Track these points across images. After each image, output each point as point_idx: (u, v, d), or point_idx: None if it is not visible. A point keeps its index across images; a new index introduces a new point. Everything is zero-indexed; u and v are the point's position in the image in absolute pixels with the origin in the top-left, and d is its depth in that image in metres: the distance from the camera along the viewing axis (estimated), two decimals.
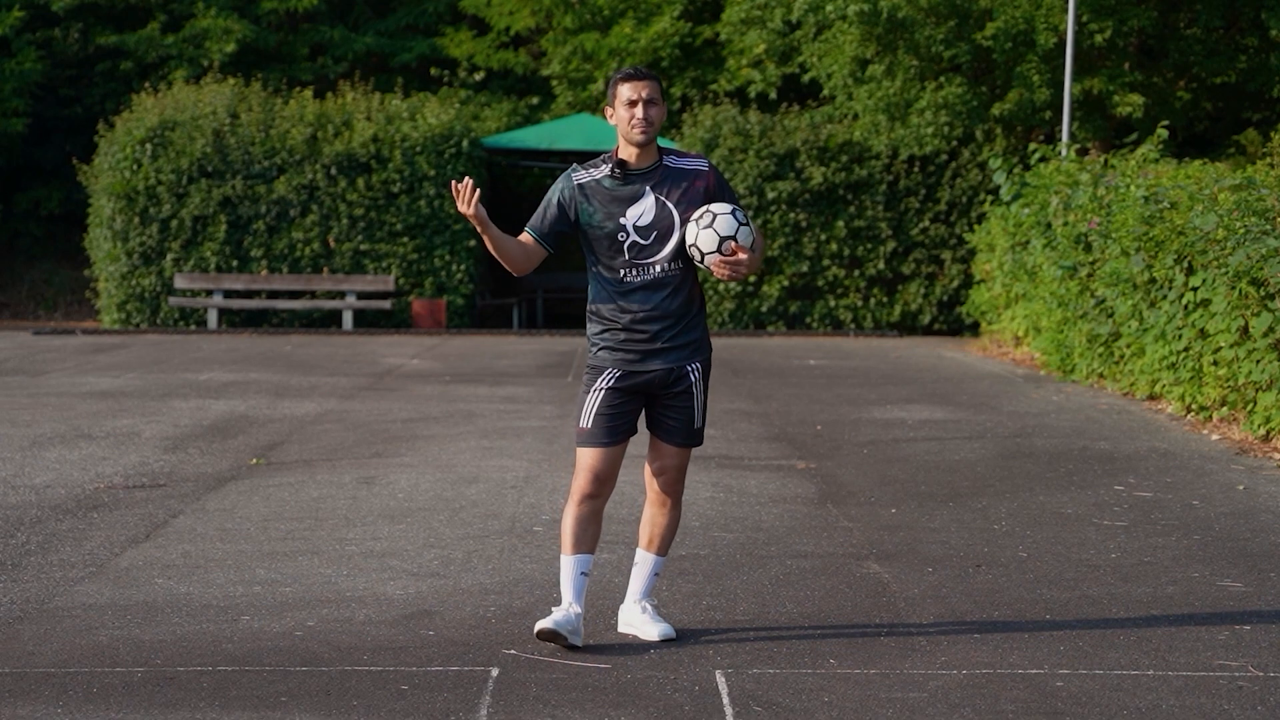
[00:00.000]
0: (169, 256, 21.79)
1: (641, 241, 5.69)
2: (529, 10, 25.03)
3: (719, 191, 5.79)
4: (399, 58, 26.60)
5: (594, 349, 5.79)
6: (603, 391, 5.72)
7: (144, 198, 21.73)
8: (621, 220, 5.68)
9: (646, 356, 5.72)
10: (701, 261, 5.69)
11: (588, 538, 5.77)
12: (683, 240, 5.70)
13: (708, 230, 5.64)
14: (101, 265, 22.21)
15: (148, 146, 21.72)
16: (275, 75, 25.76)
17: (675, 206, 5.70)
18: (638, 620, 5.88)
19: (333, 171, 21.78)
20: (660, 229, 5.70)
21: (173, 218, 21.78)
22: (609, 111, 5.76)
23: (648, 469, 5.87)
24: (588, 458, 5.73)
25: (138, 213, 21.74)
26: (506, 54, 25.95)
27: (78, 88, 25.86)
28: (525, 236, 5.80)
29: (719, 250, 5.64)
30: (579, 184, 5.73)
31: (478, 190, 5.54)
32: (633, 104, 5.66)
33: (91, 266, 22.99)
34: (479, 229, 5.60)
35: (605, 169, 5.74)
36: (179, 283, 21.70)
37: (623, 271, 5.71)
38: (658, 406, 5.80)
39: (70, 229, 25.48)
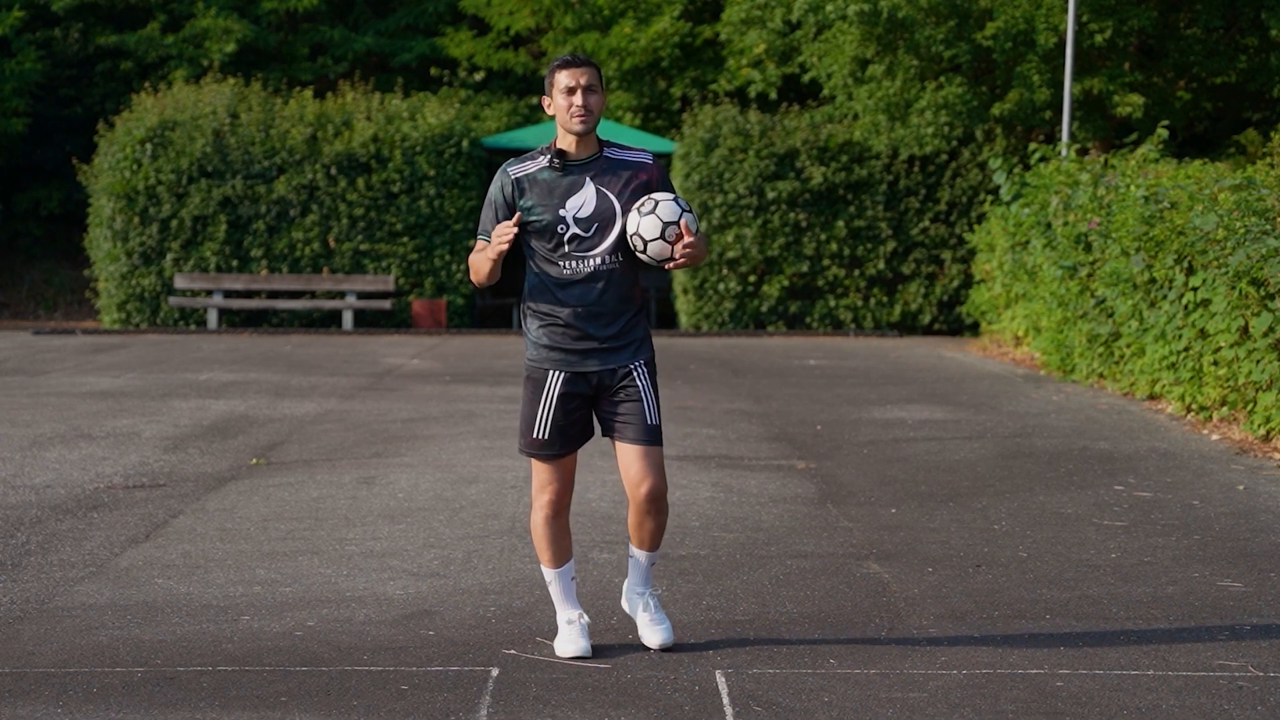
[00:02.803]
0: (169, 256, 21.79)
1: (582, 234, 5.52)
2: (529, 10, 25.04)
3: (660, 186, 5.60)
4: (399, 58, 26.61)
5: (532, 347, 5.65)
6: (554, 400, 5.59)
7: (144, 198, 21.73)
8: (561, 212, 5.51)
9: (586, 355, 5.58)
10: (644, 251, 5.49)
11: (567, 546, 5.73)
12: (624, 232, 5.53)
13: (650, 217, 5.46)
14: (101, 265, 22.21)
15: (148, 146, 21.72)
16: (275, 75, 25.76)
17: (616, 198, 5.53)
18: (640, 619, 5.78)
19: (333, 171, 21.78)
20: (601, 220, 5.52)
21: (173, 218, 21.79)
22: (546, 101, 5.59)
23: (624, 478, 5.67)
24: (549, 470, 5.65)
25: (138, 213, 21.74)
26: (506, 54, 25.95)
27: (78, 88, 25.86)
28: (482, 244, 5.62)
29: (663, 237, 5.45)
30: (515, 178, 5.58)
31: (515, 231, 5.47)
32: (571, 91, 5.47)
33: (91, 266, 22.99)
34: (490, 259, 5.52)
35: (543, 160, 5.58)
36: (179, 283, 21.71)
37: (562, 264, 5.55)
38: (608, 408, 5.64)
39: (70, 229, 25.48)
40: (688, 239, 5.46)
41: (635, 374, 5.63)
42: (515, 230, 5.47)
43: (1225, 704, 5.18)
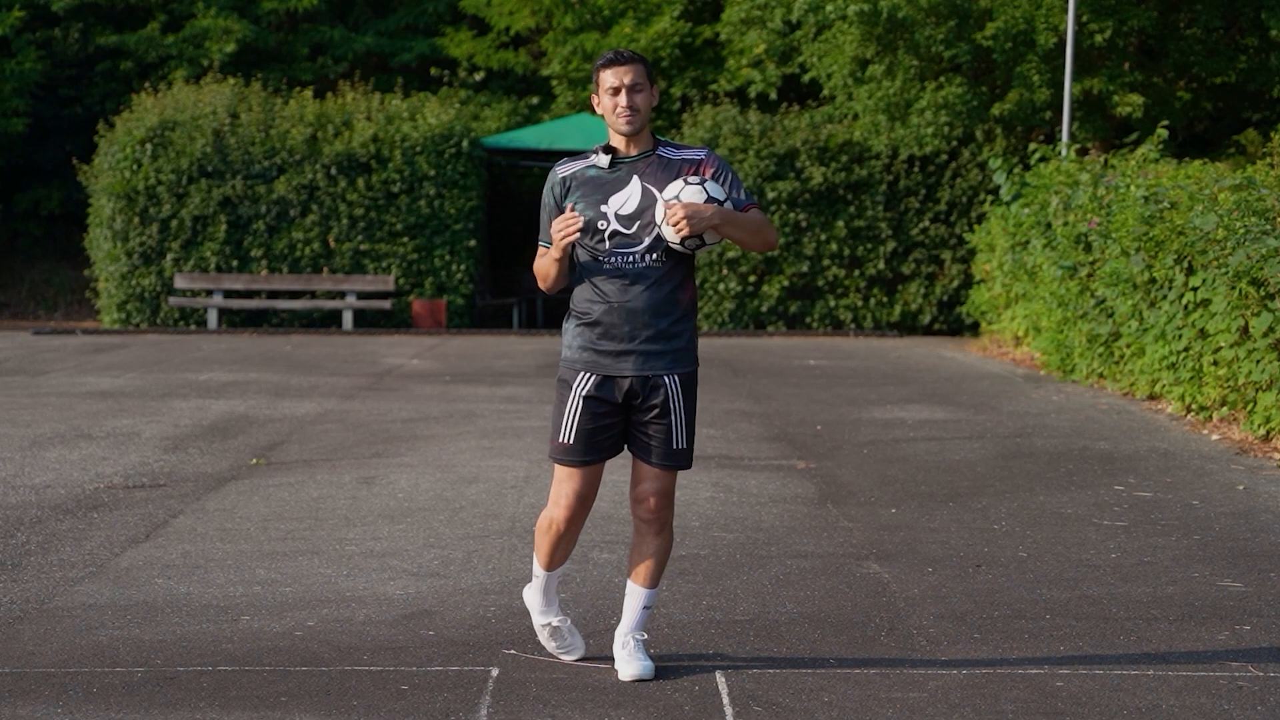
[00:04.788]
0: (169, 256, 21.79)
1: (623, 230, 5.32)
2: (529, 10, 25.04)
3: (715, 176, 5.37)
4: (399, 58, 26.61)
5: (565, 348, 5.47)
6: (580, 401, 5.36)
7: (144, 198, 21.73)
8: (603, 208, 5.33)
9: (619, 356, 5.34)
10: (663, 237, 5.30)
11: (568, 553, 5.57)
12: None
13: (658, 201, 5.30)
14: (101, 265, 22.22)
15: (148, 146, 21.72)
16: (275, 75, 25.76)
17: (660, 194, 5.32)
18: (618, 658, 5.47)
19: (333, 171, 21.78)
20: (644, 218, 5.32)
21: (173, 218, 21.79)
22: (595, 100, 5.44)
23: (631, 494, 5.46)
24: (570, 478, 5.41)
25: (138, 213, 21.74)
26: (506, 54, 25.95)
27: (78, 88, 25.86)
28: (544, 250, 5.46)
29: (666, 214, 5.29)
30: (562, 177, 5.43)
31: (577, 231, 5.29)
32: (616, 91, 5.32)
33: (91, 266, 22.99)
34: (555, 260, 5.33)
35: (593, 158, 5.42)
36: (179, 283, 21.71)
37: (603, 260, 5.35)
38: (635, 421, 5.40)
39: (70, 229, 25.48)
40: (669, 210, 5.22)
41: (668, 388, 5.38)
42: (578, 221, 5.27)
43: (1225, 704, 5.18)
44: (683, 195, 5.27)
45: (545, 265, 5.42)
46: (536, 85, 26.32)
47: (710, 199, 5.29)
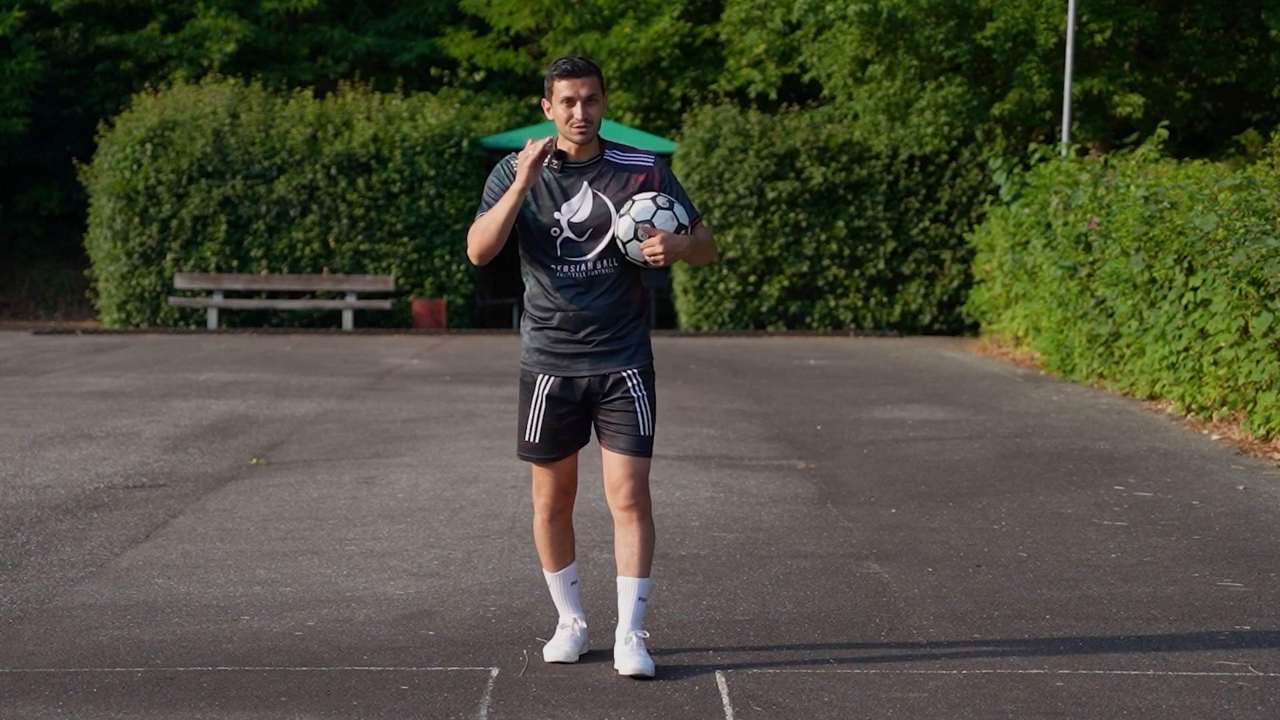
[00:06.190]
0: (169, 256, 21.79)
1: (575, 238, 5.40)
2: (529, 10, 25.04)
3: (661, 188, 5.46)
4: (399, 58, 26.62)
5: (524, 350, 5.57)
6: (543, 403, 5.50)
7: (144, 198, 21.73)
8: (556, 215, 5.40)
9: (576, 359, 5.45)
10: (625, 253, 5.39)
11: (567, 550, 5.64)
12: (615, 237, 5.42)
13: (625, 218, 5.34)
14: (101, 265, 22.22)
15: (148, 146, 21.72)
16: (275, 75, 25.77)
17: (612, 203, 5.41)
18: (618, 654, 5.47)
19: (333, 171, 21.78)
20: (595, 226, 5.40)
21: (173, 218, 21.79)
22: (546, 105, 5.49)
23: (607, 487, 5.50)
24: (543, 474, 5.55)
25: (138, 213, 21.74)
26: (506, 54, 25.96)
27: (78, 88, 25.86)
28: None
29: (636, 237, 5.35)
30: (515, 169, 5.47)
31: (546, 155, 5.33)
32: (570, 102, 5.37)
33: (91, 266, 22.99)
34: (516, 193, 5.36)
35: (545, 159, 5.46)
36: (179, 283, 21.71)
37: (555, 267, 5.42)
38: (601, 415, 5.50)
39: (70, 229, 25.48)
40: (649, 239, 5.32)
41: (629, 381, 5.47)
42: (547, 143, 5.33)
43: (1225, 704, 5.18)
44: (656, 221, 5.37)
45: (493, 215, 5.42)
46: (536, 85, 26.32)
47: (680, 226, 5.41)
